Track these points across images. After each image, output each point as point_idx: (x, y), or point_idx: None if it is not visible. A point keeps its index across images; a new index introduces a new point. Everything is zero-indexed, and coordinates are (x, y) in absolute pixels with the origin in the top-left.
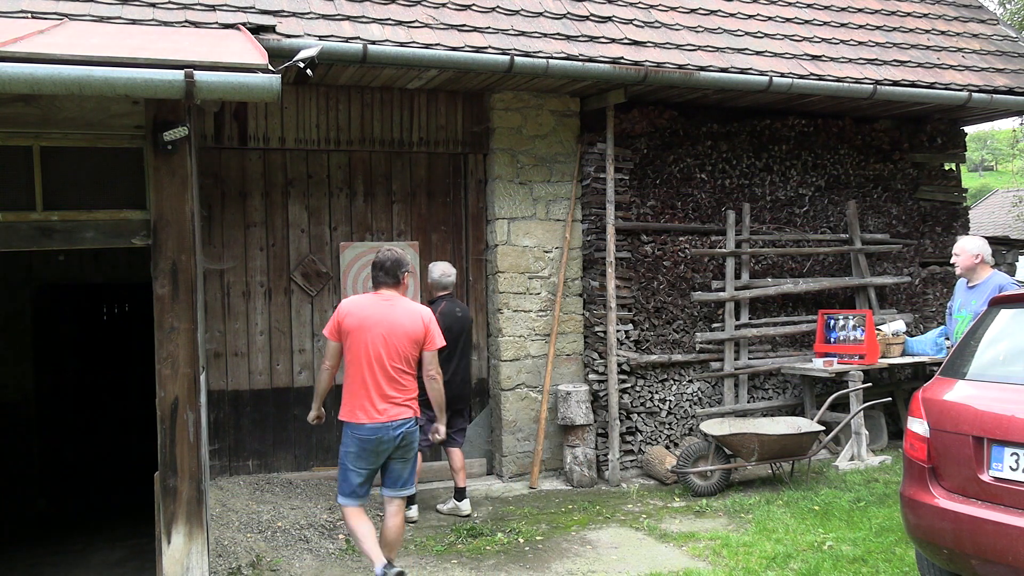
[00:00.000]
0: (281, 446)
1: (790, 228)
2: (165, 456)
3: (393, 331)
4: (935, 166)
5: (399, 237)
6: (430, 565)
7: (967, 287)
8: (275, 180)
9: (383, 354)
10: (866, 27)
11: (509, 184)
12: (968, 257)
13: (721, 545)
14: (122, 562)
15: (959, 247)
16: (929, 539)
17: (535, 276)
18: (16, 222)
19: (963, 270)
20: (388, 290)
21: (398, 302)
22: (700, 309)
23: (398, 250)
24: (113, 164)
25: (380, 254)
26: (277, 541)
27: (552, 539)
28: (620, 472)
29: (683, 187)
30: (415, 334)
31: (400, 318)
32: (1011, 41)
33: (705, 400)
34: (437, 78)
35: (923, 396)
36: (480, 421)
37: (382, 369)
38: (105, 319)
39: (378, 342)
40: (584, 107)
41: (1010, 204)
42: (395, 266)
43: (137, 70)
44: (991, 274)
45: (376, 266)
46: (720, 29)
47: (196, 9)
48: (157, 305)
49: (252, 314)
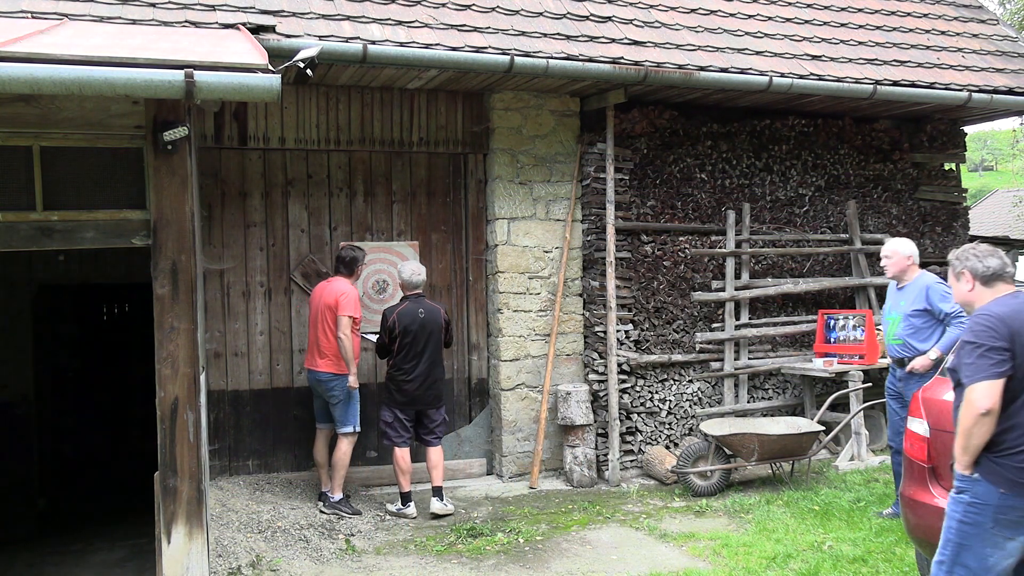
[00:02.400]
0: (281, 446)
1: (790, 228)
2: (165, 456)
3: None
4: (935, 166)
5: (399, 237)
6: (430, 565)
7: (896, 288)
8: (275, 180)
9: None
10: (866, 27)
11: (509, 184)
12: (901, 259)
13: (721, 545)
14: (122, 562)
15: (890, 249)
16: (929, 539)
17: (535, 276)
18: (16, 222)
19: (895, 272)
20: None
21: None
22: (700, 309)
23: (359, 248)
24: (113, 164)
25: (343, 250)
26: (277, 541)
27: (552, 539)
28: (620, 472)
29: (683, 187)
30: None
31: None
32: (1011, 41)
33: (705, 400)
34: (437, 78)
35: (923, 396)
36: (480, 421)
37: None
38: (105, 319)
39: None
40: (584, 107)
41: (1010, 204)
42: (352, 261)
43: (137, 70)
44: (918, 275)
45: (338, 259)
46: (720, 29)
47: (196, 9)
48: (157, 305)
49: (252, 314)
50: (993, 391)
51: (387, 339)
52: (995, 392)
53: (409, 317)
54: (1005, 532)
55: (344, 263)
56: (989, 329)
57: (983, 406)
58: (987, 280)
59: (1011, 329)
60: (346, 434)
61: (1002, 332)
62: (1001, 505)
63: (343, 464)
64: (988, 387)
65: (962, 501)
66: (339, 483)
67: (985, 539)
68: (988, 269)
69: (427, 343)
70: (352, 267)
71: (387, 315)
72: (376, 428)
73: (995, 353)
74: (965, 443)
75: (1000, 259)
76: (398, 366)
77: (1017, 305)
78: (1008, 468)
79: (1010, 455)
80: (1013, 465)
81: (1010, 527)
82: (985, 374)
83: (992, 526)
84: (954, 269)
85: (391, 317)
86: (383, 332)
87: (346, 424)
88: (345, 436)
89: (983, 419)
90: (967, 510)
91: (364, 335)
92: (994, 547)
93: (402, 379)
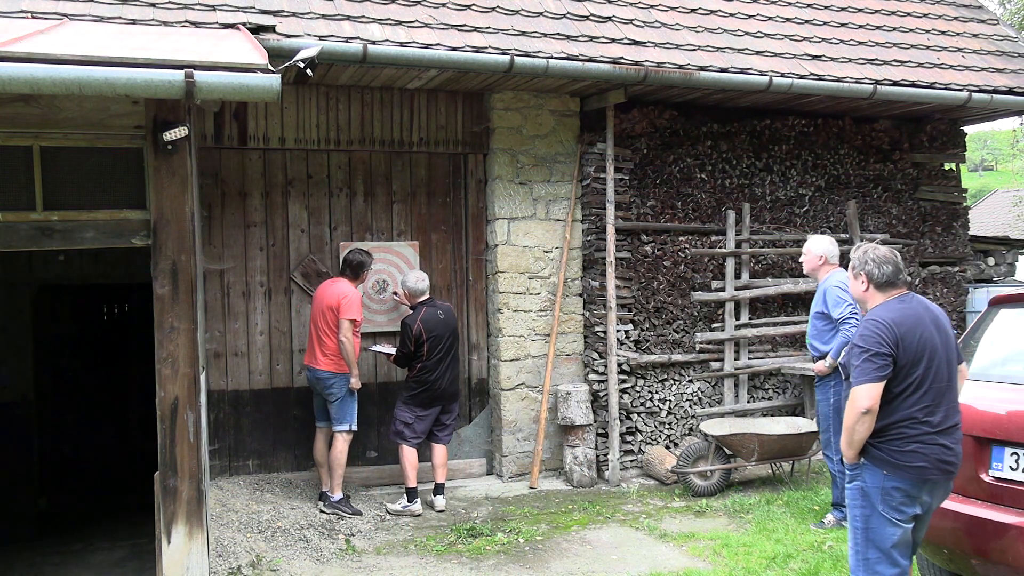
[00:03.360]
0: (281, 446)
1: (790, 228)
2: (165, 456)
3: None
4: (935, 166)
5: (399, 237)
6: (430, 565)
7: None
8: (275, 180)
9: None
10: (866, 27)
11: (509, 184)
12: (813, 258)
13: (721, 545)
14: (122, 562)
15: (806, 247)
16: (929, 539)
17: (535, 276)
18: (16, 222)
19: (808, 270)
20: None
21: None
22: (700, 309)
23: (367, 254)
24: (113, 164)
25: (351, 253)
26: (277, 541)
27: (552, 539)
28: (620, 472)
29: (683, 187)
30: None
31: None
32: (1011, 41)
33: (705, 400)
34: (437, 78)
35: None
36: (480, 421)
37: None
38: (105, 319)
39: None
40: (584, 107)
41: (1010, 204)
42: (359, 266)
43: (137, 70)
44: (829, 275)
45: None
46: (720, 29)
47: (196, 9)
48: (157, 305)
49: (252, 314)
50: (874, 393)
51: (412, 347)
52: (875, 394)
53: (432, 321)
54: (894, 513)
55: (351, 266)
56: (877, 335)
57: (863, 406)
58: (880, 285)
59: (896, 335)
60: (342, 432)
61: (888, 338)
62: (886, 486)
63: (340, 463)
64: (869, 389)
65: (855, 488)
66: (338, 482)
67: (882, 519)
68: (883, 276)
69: (451, 340)
70: (358, 272)
71: (409, 325)
72: (376, 428)
73: (879, 358)
74: (849, 439)
75: (895, 265)
76: (427, 368)
77: (905, 309)
78: (889, 452)
79: (891, 441)
80: (893, 450)
81: (898, 507)
82: (868, 377)
83: (883, 507)
84: (853, 268)
85: (415, 326)
86: (407, 342)
87: (342, 422)
88: (341, 434)
89: (864, 417)
90: (861, 496)
91: (375, 350)
92: (891, 525)
93: (432, 379)
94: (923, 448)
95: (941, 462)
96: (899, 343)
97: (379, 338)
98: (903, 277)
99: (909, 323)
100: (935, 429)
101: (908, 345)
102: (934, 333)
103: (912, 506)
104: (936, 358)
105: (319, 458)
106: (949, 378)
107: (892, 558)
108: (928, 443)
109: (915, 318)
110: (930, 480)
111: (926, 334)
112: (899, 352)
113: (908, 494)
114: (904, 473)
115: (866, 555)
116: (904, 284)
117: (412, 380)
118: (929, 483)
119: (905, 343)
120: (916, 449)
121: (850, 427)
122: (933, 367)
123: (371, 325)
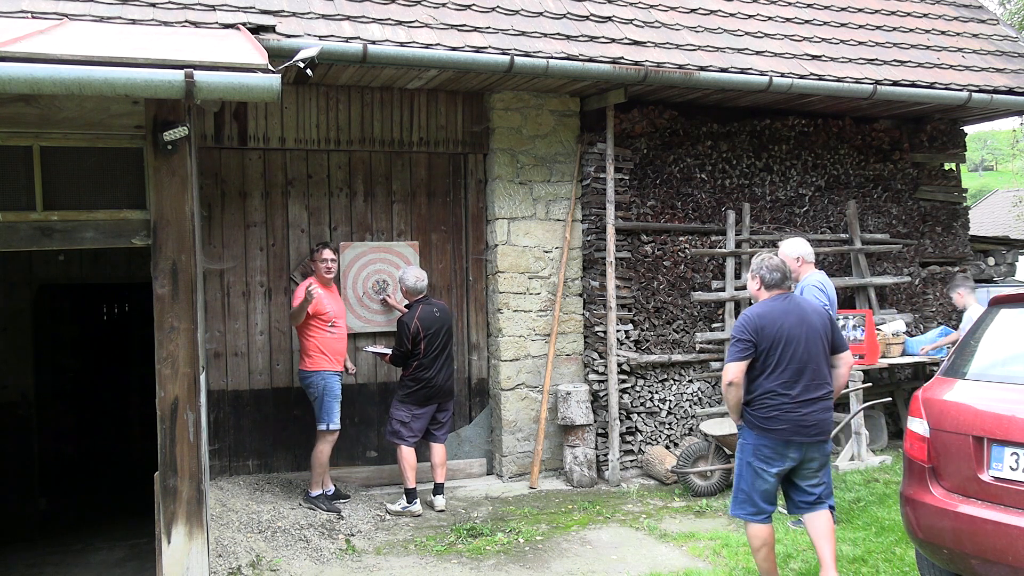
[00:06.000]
0: (281, 446)
1: (790, 228)
2: (165, 456)
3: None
4: (935, 166)
5: (399, 237)
6: (430, 565)
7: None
8: (275, 180)
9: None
10: (866, 27)
11: (509, 184)
12: (790, 261)
13: (721, 545)
14: (122, 562)
15: (781, 252)
16: (929, 539)
17: (535, 276)
18: (16, 222)
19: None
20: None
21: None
22: (700, 309)
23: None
24: (113, 164)
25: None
26: (277, 541)
27: (552, 539)
28: (620, 472)
29: (683, 187)
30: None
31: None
32: (1011, 41)
33: (705, 400)
34: (437, 78)
35: (923, 396)
36: (480, 421)
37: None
38: (105, 319)
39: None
40: (584, 107)
41: (1010, 204)
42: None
43: (137, 70)
44: (807, 275)
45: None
46: (720, 29)
47: (196, 9)
48: (157, 305)
49: (252, 314)
50: (736, 370)
51: (409, 346)
52: (738, 370)
53: (429, 319)
54: (762, 465)
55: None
56: (743, 326)
57: (728, 379)
58: (768, 287)
59: (757, 325)
60: (321, 431)
61: (750, 328)
62: (757, 444)
63: (319, 461)
64: (733, 367)
65: (740, 442)
66: (316, 479)
67: (751, 469)
68: (772, 280)
69: (447, 337)
70: (315, 264)
71: (406, 323)
72: (376, 428)
73: (741, 344)
74: (727, 404)
75: (783, 273)
76: (423, 365)
77: (774, 306)
78: (757, 418)
79: (758, 409)
80: (759, 415)
81: (765, 460)
82: (732, 358)
83: (754, 459)
84: (751, 271)
85: (412, 324)
86: (404, 340)
87: (321, 421)
88: (320, 433)
89: (730, 388)
90: (741, 450)
91: (370, 351)
92: (759, 475)
93: (428, 376)
94: (782, 415)
95: (800, 426)
96: (759, 332)
97: (379, 339)
98: (788, 283)
99: (772, 316)
100: (792, 400)
101: (767, 334)
102: (796, 325)
103: (780, 461)
104: (793, 344)
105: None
106: (808, 360)
107: (753, 500)
108: (786, 411)
109: (780, 312)
110: (793, 441)
111: (786, 325)
112: (758, 339)
113: (775, 451)
114: (769, 435)
115: (737, 494)
116: (787, 288)
117: (408, 378)
118: (793, 444)
119: (764, 332)
120: (776, 416)
121: (724, 394)
122: (789, 351)
123: (371, 325)
